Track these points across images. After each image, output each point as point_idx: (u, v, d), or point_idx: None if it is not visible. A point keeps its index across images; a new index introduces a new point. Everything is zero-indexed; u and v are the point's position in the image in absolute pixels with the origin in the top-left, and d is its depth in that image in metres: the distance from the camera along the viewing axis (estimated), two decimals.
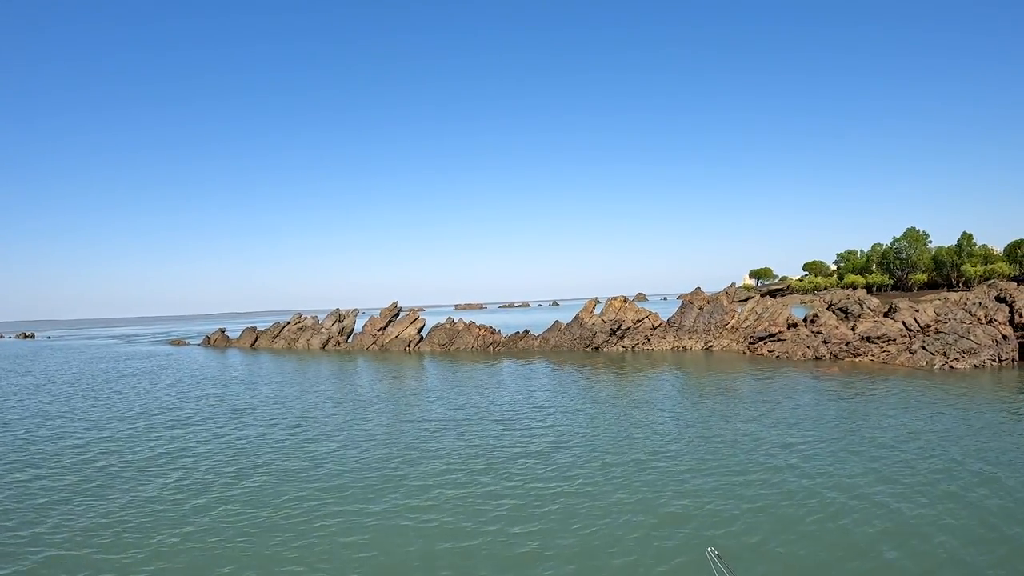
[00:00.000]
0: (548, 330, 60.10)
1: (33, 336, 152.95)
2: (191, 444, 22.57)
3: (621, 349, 54.02)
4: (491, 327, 63.60)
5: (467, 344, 60.17)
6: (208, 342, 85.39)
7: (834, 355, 42.47)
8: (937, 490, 14.65)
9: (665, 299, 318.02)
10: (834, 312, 51.11)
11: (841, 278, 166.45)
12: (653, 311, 60.10)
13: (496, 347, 59.67)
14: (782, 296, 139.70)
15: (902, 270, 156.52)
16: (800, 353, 43.91)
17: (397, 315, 67.96)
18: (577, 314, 59.15)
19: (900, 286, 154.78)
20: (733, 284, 66.02)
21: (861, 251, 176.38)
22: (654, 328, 56.02)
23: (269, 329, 77.57)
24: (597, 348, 54.69)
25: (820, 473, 16.24)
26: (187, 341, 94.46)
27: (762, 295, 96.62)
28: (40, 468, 19.73)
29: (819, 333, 45.86)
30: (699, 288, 59.07)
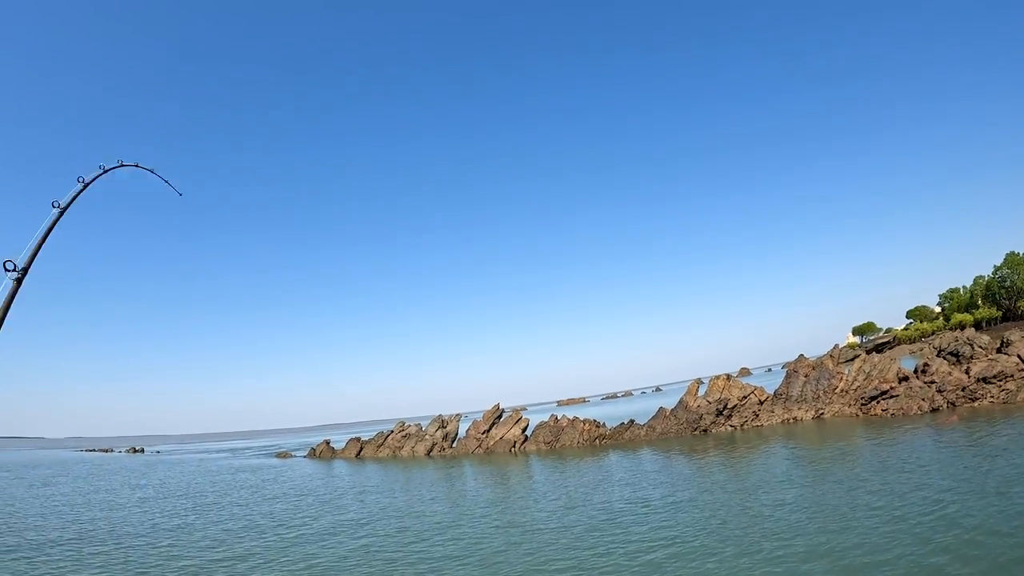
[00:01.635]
0: (653, 418, 60.73)
1: (143, 451, 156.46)
2: (306, 559, 23.35)
3: (729, 429, 54.05)
4: (595, 420, 64.51)
5: (572, 440, 61.15)
6: (313, 454, 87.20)
7: (951, 403, 41.66)
8: None
9: (769, 371, 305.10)
10: (944, 357, 50.15)
11: (947, 319, 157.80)
12: (758, 385, 59.90)
13: (602, 440, 60.47)
14: (889, 349, 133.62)
15: (1009, 299, 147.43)
16: (915, 407, 43.21)
17: (500, 417, 69.57)
18: (681, 398, 59.70)
19: (1010, 316, 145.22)
20: (837, 345, 65.10)
21: (964, 287, 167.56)
22: (761, 403, 55.91)
23: (373, 439, 79.31)
24: (705, 431, 54.88)
25: (961, 551, 15.43)
26: (293, 453, 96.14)
27: (868, 352, 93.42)
28: None
29: (932, 383, 45.11)
30: (802, 355, 58.85)
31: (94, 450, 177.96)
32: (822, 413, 51.06)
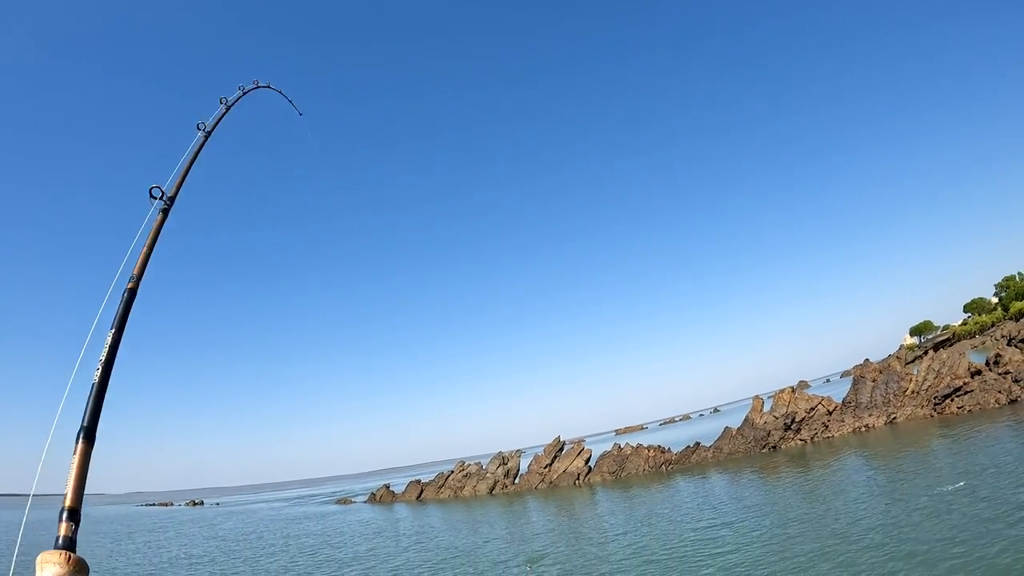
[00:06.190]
0: (719, 438, 60.02)
1: (202, 503, 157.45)
2: None
3: (799, 443, 53.18)
4: (660, 446, 63.64)
5: (638, 468, 60.32)
6: (374, 499, 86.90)
7: None
8: None
9: (828, 381, 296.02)
10: (1016, 346, 48.90)
11: (1006, 309, 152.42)
12: (825, 395, 58.74)
13: (669, 466, 59.45)
14: (949, 347, 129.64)
15: None
16: (992, 400, 42.23)
17: (562, 450, 69.03)
18: (747, 415, 58.98)
19: None
20: (902, 346, 64.06)
21: (1020, 273, 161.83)
22: (830, 413, 54.96)
23: (434, 480, 78.86)
24: (774, 447, 54.09)
25: None
26: (353, 499, 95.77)
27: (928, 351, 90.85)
28: None
29: (1007, 373, 44.13)
30: (867, 359, 57.86)
31: (154, 504, 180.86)
32: (894, 418, 49.96)
